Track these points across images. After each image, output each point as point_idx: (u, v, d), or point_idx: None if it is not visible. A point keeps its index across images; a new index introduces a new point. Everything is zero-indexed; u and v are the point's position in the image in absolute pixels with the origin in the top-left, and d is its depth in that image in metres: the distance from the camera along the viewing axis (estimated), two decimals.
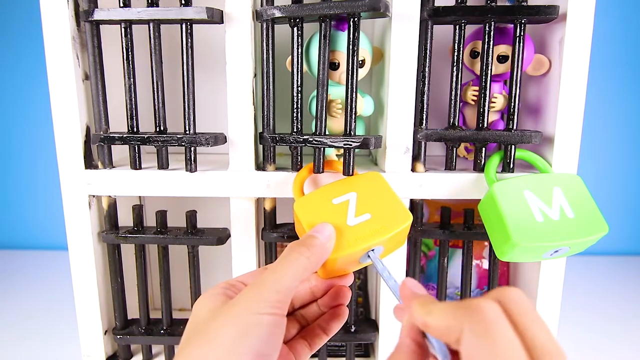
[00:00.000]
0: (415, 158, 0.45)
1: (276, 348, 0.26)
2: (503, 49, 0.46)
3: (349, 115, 0.42)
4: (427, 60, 0.44)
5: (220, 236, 0.48)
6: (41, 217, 0.90)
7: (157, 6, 0.43)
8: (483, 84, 0.44)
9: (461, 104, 0.48)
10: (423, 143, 0.45)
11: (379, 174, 0.38)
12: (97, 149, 0.47)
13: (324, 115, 0.43)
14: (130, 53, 0.44)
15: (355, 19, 0.40)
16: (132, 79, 0.44)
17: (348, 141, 0.41)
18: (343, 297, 0.34)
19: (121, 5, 0.42)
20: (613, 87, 0.83)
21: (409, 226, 0.35)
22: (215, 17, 0.42)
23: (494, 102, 0.48)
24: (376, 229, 0.34)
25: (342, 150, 0.46)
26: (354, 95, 0.42)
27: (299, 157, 0.45)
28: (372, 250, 0.34)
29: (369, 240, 0.33)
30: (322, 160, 0.43)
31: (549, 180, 0.41)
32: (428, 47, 0.43)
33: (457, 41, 0.44)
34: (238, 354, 0.24)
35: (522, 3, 0.42)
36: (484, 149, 0.45)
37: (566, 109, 0.44)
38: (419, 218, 0.48)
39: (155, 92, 0.44)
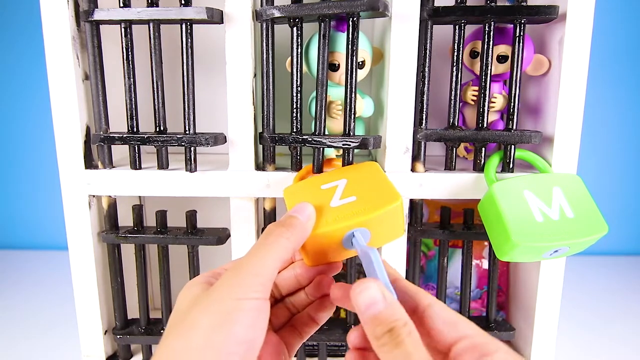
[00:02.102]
0: (415, 158, 0.45)
1: (261, 333, 0.25)
2: (503, 49, 0.46)
3: (348, 115, 0.42)
4: (427, 60, 0.44)
5: (220, 236, 0.48)
6: (41, 217, 0.90)
7: (157, 6, 0.43)
8: (483, 84, 0.44)
9: (461, 104, 0.48)
10: (423, 143, 0.45)
11: (375, 164, 0.37)
12: (97, 149, 0.47)
13: (323, 115, 0.43)
14: (130, 53, 0.44)
15: (355, 18, 0.41)
16: (132, 79, 0.44)
17: (347, 141, 0.42)
18: (327, 287, 0.33)
19: (121, 5, 0.43)
20: (613, 87, 0.83)
21: (398, 208, 0.32)
22: (215, 17, 0.42)
23: (494, 102, 0.48)
24: (359, 209, 0.32)
25: (341, 151, 0.46)
26: (353, 95, 0.42)
27: (298, 157, 0.45)
28: (355, 234, 0.31)
29: (349, 220, 0.31)
30: (321, 160, 0.43)
31: (548, 180, 0.41)
32: (428, 47, 0.43)
33: (457, 41, 0.44)
34: (218, 342, 0.23)
35: (522, 3, 0.42)
36: (483, 149, 0.45)
37: (566, 109, 0.44)
38: (418, 218, 0.48)
39: (155, 92, 0.44)
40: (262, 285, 0.25)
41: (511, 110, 0.44)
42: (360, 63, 0.45)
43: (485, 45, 0.43)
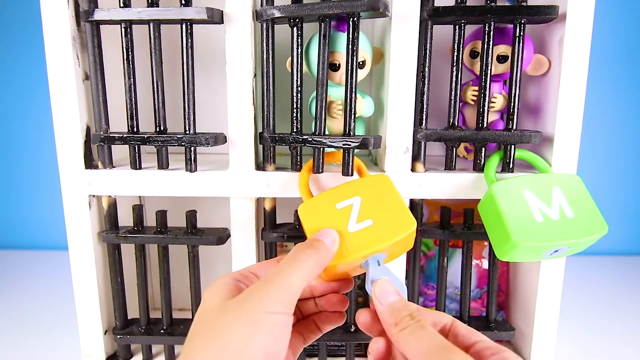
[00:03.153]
0: (415, 158, 0.45)
1: (285, 345, 0.27)
2: (503, 49, 0.46)
3: (348, 115, 0.42)
4: (427, 60, 0.44)
5: (220, 236, 0.48)
6: (41, 217, 0.90)
7: (157, 6, 0.43)
8: (483, 84, 0.44)
9: (461, 104, 0.48)
10: (423, 143, 0.45)
11: (388, 178, 0.37)
12: (97, 149, 0.47)
13: (323, 115, 0.43)
14: (130, 53, 0.44)
15: (355, 18, 0.41)
16: (132, 79, 0.44)
17: (347, 141, 0.42)
18: (340, 305, 0.34)
19: (121, 5, 0.43)
20: (613, 87, 0.83)
21: (413, 233, 0.34)
22: (215, 17, 0.42)
23: (494, 102, 0.48)
24: (377, 236, 0.33)
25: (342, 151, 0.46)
26: (353, 95, 0.42)
27: (298, 157, 0.45)
28: (369, 262, 0.34)
29: (368, 248, 0.33)
30: (321, 160, 0.43)
31: (548, 180, 0.41)
32: (428, 47, 0.43)
33: (457, 41, 0.44)
34: (251, 351, 0.25)
35: (522, 3, 0.42)
36: (483, 149, 0.45)
37: (566, 109, 0.44)
38: (419, 218, 0.48)
39: (155, 92, 0.44)
40: (288, 302, 0.27)
41: (511, 110, 0.44)
42: (361, 63, 0.45)
43: (485, 45, 0.43)
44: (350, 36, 0.41)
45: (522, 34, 0.43)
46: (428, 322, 0.27)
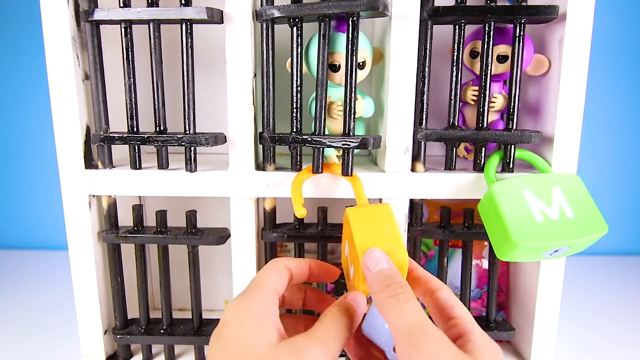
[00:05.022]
0: (415, 158, 0.45)
1: None
2: (503, 49, 0.46)
3: (347, 115, 0.42)
4: (427, 60, 0.44)
5: (220, 236, 0.48)
6: (41, 217, 0.90)
7: (157, 6, 0.43)
8: (483, 84, 0.44)
9: (461, 104, 0.48)
10: (423, 143, 0.45)
11: (348, 210, 0.36)
12: (97, 149, 0.47)
13: (323, 115, 0.43)
14: (130, 53, 0.44)
15: (354, 18, 0.41)
16: (132, 79, 0.44)
17: (346, 141, 0.41)
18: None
19: (121, 5, 0.42)
20: (613, 87, 0.83)
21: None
22: (215, 17, 0.42)
23: (494, 102, 0.48)
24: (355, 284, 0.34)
25: (342, 151, 0.46)
26: (353, 95, 0.42)
27: (298, 157, 0.45)
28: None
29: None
30: (321, 160, 0.43)
31: (548, 180, 0.41)
32: (428, 47, 0.43)
33: (457, 41, 0.44)
34: None
35: (522, 3, 0.42)
36: (483, 149, 0.45)
37: (566, 109, 0.44)
38: (418, 218, 0.48)
39: (155, 92, 0.44)
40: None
41: (511, 110, 0.44)
42: (361, 64, 0.45)
43: (485, 45, 0.43)
44: (350, 35, 0.41)
45: (522, 34, 0.43)
46: (414, 297, 0.26)
